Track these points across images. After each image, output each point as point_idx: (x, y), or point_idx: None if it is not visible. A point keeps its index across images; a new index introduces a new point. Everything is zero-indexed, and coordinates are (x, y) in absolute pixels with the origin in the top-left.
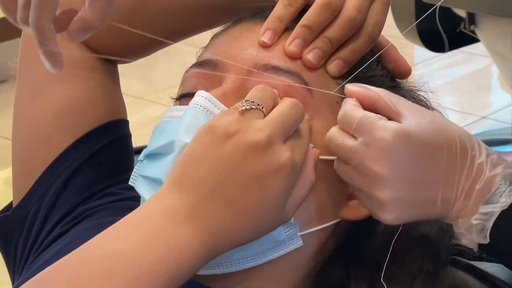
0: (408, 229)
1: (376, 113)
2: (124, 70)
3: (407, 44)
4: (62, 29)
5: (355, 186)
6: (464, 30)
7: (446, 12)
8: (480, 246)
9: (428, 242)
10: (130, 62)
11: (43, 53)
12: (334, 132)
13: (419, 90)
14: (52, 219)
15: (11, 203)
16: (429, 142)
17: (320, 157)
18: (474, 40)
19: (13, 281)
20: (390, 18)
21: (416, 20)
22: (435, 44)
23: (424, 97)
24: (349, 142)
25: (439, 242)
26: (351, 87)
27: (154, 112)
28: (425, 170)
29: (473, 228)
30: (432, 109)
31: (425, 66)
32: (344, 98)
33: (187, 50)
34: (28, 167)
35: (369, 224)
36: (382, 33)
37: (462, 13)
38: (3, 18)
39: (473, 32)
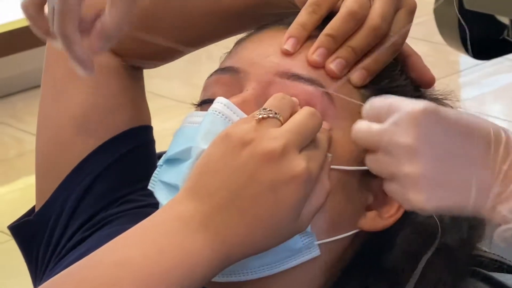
0: (428, 239)
1: None
2: (167, 73)
3: (452, 51)
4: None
5: (385, 174)
6: (507, 38)
7: (489, 19)
8: None
9: (449, 252)
10: (157, 66)
11: (73, 59)
12: (361, 123)
13: (445, 99)
14: (73, 225)
15: (33, 208)
16: (460, 122)
17: (337, 167)
18: None
19: (35, 286)
20: (434, 25)
21: (459, 27)
22: (478, 52)
23: (451, 106)
24: (377, 126)
25: (460, 252)
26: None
27: None
28: (456, 148)
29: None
30: None
31: (471, 73)
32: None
33: None
34: (50, 171)
35: (388, 235)
36: (426, 40)
37: (506, 20)
38: None
39: None
